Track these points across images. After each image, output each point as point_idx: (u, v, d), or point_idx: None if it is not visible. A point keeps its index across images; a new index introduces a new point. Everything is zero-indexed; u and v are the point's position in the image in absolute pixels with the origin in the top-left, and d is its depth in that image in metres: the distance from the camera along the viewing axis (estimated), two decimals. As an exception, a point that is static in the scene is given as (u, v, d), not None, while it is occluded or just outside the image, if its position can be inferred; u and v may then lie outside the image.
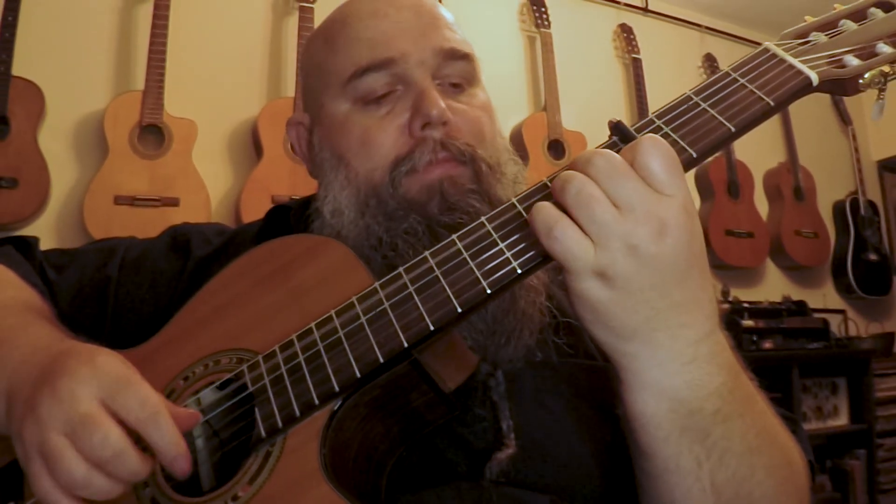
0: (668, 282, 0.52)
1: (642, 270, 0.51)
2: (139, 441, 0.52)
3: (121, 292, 0.80)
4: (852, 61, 0.62)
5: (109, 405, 0.52)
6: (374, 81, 0.73)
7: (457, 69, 0.75)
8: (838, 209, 3.54)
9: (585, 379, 0.71)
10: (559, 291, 0.78)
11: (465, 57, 0.76)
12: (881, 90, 0.63)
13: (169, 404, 0.55)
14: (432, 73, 0.73)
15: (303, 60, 0.85)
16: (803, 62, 0.61)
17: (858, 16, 0.67)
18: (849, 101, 3.72)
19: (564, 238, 0.51)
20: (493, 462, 0.63)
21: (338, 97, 0.75)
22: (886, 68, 0.62)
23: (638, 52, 3.10)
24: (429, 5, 0.78)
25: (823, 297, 3.44)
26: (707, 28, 3.42)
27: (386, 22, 0.74)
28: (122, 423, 0.52)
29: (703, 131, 0.58)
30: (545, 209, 0.53)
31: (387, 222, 0.70)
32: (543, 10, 2.87)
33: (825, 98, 3.73)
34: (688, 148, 0.57)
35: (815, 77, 0.60)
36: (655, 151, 0.52)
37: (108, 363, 0.55)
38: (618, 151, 0.55)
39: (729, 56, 3.33)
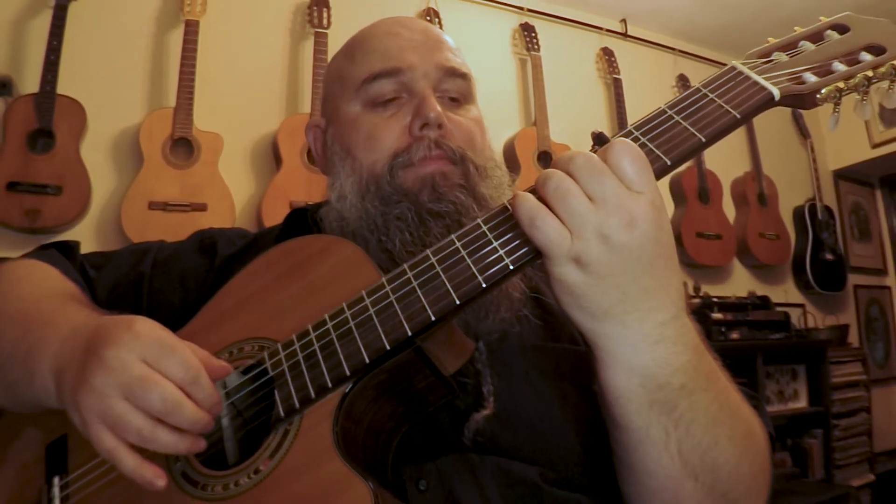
0: (638, 268, 0.52)
1: (613, 257, 0.51)
2: None
3: (153, 287, 0.80)
4: (810, 78, 0.62)
5: (154, 366, 0.53)
6: (383, 87, 0.75)
7: (455, 85, 0.78)
8: (798, 214, 3.53)
9: (568, 361, 0.71)
10: (543, 285, 0.78)
11: (463, 76, 0.78)
12: (836, 104, 0.63)
13: (204, 357, 0.56)
14: (433, 86, 0.76)
15: (326, 73, 0.88)
16: (766, 79, 0.61)
17: (816, 37, 0.66)
18: (807, 117, 3.72)
19: (544, 227, 0.52)
20: (472, 421, 0.64)
21: (351, 100, 0.78)
22: (841, 84, 0.62)
23: (618, 73, 3.09)
24: (436, 31, 0.82)
25: (785, 292, 3.43)
26: (680, 51, 3.41)
27: (399, 39, 0.78)
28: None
29: (676, 141, 0.57)
30: (528, 201, 0.53)
31: (382, 206, 0.71)
32: (533, 35, 2.87)
33: (786, 113, 3.72)
34: (663, 156, 0.57)
35: (777, 92, 0.60)
36: (626, 152, 0.53)
37: (147, 328, 0.55)
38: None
39: (700, 76, 3.30)
